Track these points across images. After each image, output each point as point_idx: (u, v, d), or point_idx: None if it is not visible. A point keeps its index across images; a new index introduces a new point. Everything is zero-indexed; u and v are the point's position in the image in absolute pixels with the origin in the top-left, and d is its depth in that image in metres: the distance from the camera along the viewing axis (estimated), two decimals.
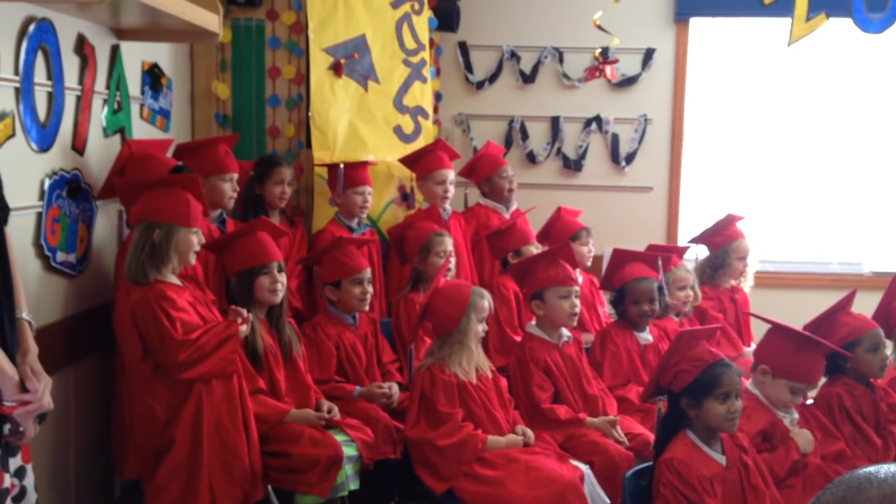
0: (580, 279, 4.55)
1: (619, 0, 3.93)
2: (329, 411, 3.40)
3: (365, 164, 4.36)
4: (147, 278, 2.95)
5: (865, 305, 3.67)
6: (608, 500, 3.22)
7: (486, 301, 3.38)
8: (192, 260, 3.09)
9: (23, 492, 2.18)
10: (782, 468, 2.98)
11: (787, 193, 5.56)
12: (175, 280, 3.05)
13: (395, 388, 3.72)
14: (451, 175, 4.58)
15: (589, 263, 4.60)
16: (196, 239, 3.05)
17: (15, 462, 2.16)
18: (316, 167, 4.40)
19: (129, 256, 2.99)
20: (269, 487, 3.27)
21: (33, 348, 2.19)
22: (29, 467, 2.21)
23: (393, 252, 4.37)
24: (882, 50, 5.28)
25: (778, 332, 3.12)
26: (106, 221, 3.54)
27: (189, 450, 2.93)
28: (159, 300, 2.91)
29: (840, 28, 4.19)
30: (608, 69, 4.46)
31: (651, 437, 3.46)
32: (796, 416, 3.15)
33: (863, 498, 0.88)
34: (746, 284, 4.70)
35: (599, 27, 4.00)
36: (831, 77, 5.45)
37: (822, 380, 3.50)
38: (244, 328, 3.07)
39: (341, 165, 4.26)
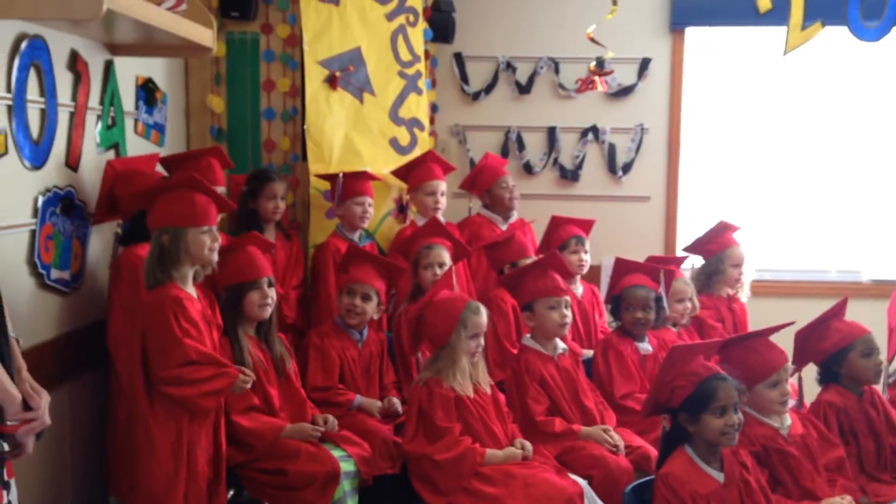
0: (581, 289, 4.56)
1: (615, 13, 3.92)
2: (325, 422, 3.39)
3: (365, 174, 4.34)
4: (161, 281, 2.95)
5: (864, 313, 3.66)
6: None
7: (481, 317, 3.36)
8: (213, 258, 3.07)
9: None
10: None
11: (785, 202, 5.54)
12: (191, 290, 3.04)
13: (396, 401, 3.72)
14: (442, 186, 4.56)
15: (582, 272, 4.57)
16: (208, 238, 3.03)
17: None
18: (314, 178, 4.39)
19: (144, 263, 3.01)
20: None
21: (24, 365, 2.19)
22: (12, 482, 2.20)
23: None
24: (879, 58, 5.27)
25: (722, 350, 3.07)
26: (100, 238, 3.53)
27: (168, 475, 2.91)
28: (174, 306, 2.91)
29: (836, 36, 4.18)
30: (598, 81, 4.45)
31: (650, 450, 3.46)
32: (789, 422, 3.13)
33: None
34: (743, 294, 4.67)
35: (593, 40, 3.99)
36: (828, 85, 5.44)
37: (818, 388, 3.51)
38: (245, 385, 3.07)
39: (340, 175, 4.25)
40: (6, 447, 2.12)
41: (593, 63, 4.50)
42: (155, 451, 2.89)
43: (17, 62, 2.90)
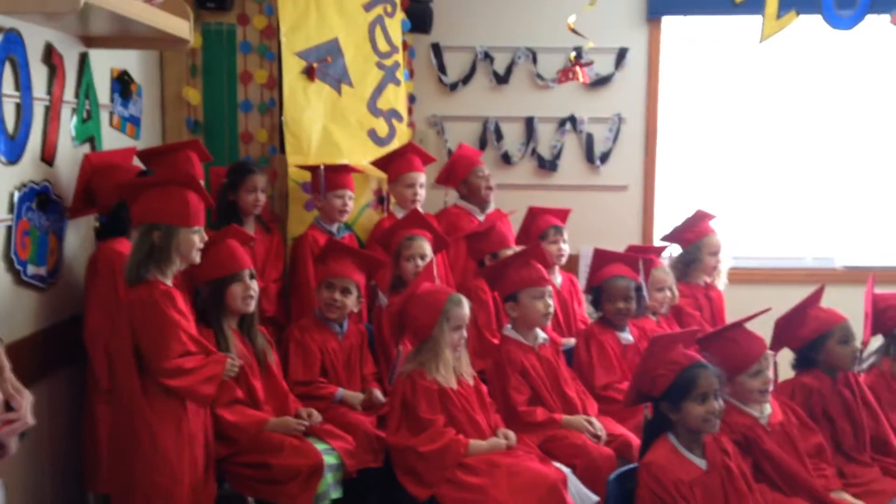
0: (559, 279, 4.58)
1: (595, 3, 3.92)
2: (309, 416, 3.39)
3: (346, 167, 4.32)
4: (146, 277, 2.93)
5: (838, 299, 3.70)
6: (596, 497, 3.22)
7: (464, 309, 3.36)
8: (197, 258, 3.08)
9: None
10: None
11: (760, 190, 5.60)
12: (170, 284, 3.03)
13: (378, 393, 3.73)
14: (421, 178, 4.55)
15: (562, 262, 4.60)
16: (198, 238, 3.04)
17: None
18: (293, 170, 4.36)
19: (128, 258, 2.99)
20: (250, 499, 3.25)
21: (7, 364, 2.16)
22: (0, 482, 2.19)
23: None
24: (853, 47, 5.32)
25: (701, 343, 3.10)
26: (76, 233, 3.49)
27: (172, 466, 2.91)
28: (165, 299, 2.90)
29: (811, 25, 4.22)
30: (580, 72, 4.45)
31: (632, 437, 3.49)
32: (769, 410, 3.16)
33: None
34: (720, 281, 4.72)
35: (574, 30, 4.00)
36: (803, 74, 5.49)
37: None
38: (234, 370, 3.10)
39: (322, 167, 4.23)
40: None
41: (573, 53, 4.50)
42: (157, 444, 2.89)
43: None
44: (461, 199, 4.85)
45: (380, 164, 4.56)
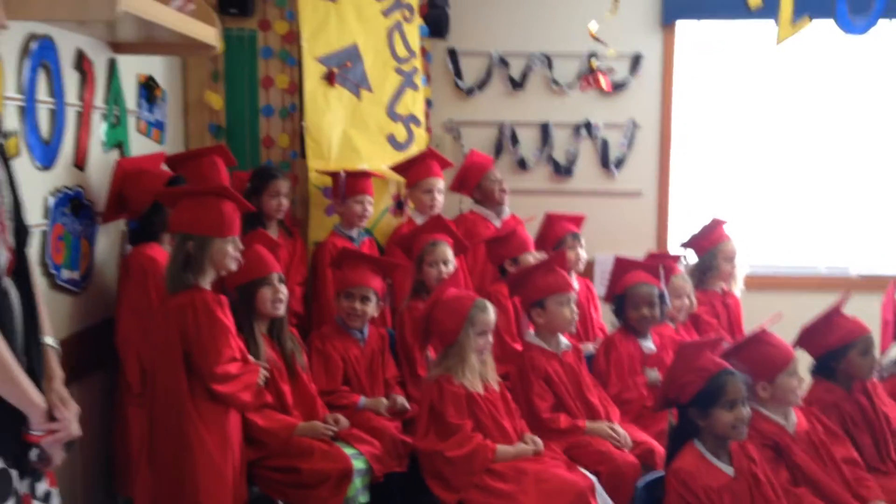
0: (576, 285, 4.61)
1: (615, 11, 3.95)
2: (336, 422, 3.42)
3: (366, 172, 4.35)
4: (189, 284, 2.98)
5: (853, 307, 3.72)
6: None
7: (489, 314, 3.39)
8: (233, 266, 3.12)
9: None
10: None
11: (775, 197, 5.60)
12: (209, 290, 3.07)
13: (402, 399, 3.75)
14: (439, 183, 4.58)
15: (579, 268, 4.62)
16: (231, 247, 3.07)
17: (42, 487, 2.16)
18: (313, 174, 4.39)
19: (167, 267, 3.04)
20: (280, 503, 3.28)
21: (59, 374, 2.18)
22: (55, 491, 2.21)
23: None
24: (868, 53, 5.35)
25: (731, 355, 3.09)
26: (107, 237, 3.53)
27: (219, 470, 2.96)
28: (217, 304, 2.96)
29: (826, 30, 4.25)
30: (602, 79, 4.48)
31: (655, 445, 3.52)
32: (794, 419, 3.19)
33: None
34: (737, 288, 4.75)
35: (596, 38, 4.02)
36: (818, 80, 5.50)
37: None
38: (262, 379, 3.14)
39: (342, 173, 4.25)
40: (34, 457, 2.12)
41: (596, 62, 4.52)
42: (205, 446, 2.93)
43: (27, 63, 2.89)
44: (476, 205, 4.88)
45: (399, 169, 4.59)
